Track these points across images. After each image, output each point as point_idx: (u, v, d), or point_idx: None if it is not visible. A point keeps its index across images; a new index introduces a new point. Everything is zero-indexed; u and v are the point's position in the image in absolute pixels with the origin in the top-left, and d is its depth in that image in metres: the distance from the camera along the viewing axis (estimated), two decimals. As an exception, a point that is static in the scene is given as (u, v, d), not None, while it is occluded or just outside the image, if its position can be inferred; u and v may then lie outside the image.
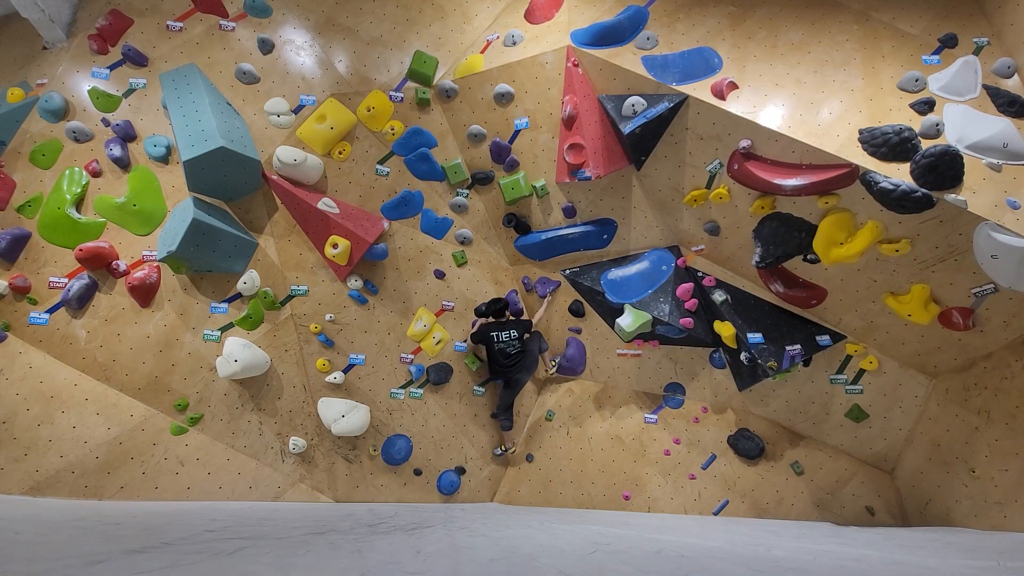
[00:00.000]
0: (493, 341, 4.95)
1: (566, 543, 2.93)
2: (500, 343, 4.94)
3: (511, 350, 4.94)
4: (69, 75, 4.63)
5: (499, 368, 5.00)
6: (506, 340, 4.94)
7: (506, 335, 4.95)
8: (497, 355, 4.96)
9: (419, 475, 4.88)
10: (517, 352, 4.95)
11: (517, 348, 4.95)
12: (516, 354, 4.95)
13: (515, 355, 4.95)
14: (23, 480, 3.95)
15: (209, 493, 4.29)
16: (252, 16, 4.94)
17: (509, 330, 4.97)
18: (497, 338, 4.95)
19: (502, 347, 4.94)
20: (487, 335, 4.98)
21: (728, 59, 4.51)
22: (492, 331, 4.97)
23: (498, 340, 4.95)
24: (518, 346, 4.95)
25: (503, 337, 4.94)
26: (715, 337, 4.88)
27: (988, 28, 4.25)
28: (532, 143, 5.01)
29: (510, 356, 4.95)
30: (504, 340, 4.94)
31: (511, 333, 4.96)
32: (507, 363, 4.95)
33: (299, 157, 4.66)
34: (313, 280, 4.86)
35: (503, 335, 4.95)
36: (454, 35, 5.24)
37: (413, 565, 2.29)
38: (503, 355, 4.94)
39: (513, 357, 4.95)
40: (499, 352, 4.94)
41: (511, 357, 4.95)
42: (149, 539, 2.53)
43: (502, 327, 4.99)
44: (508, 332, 4.96)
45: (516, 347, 4.94)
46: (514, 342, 4.94)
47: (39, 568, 1.87)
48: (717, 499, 4.82)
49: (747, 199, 4.51)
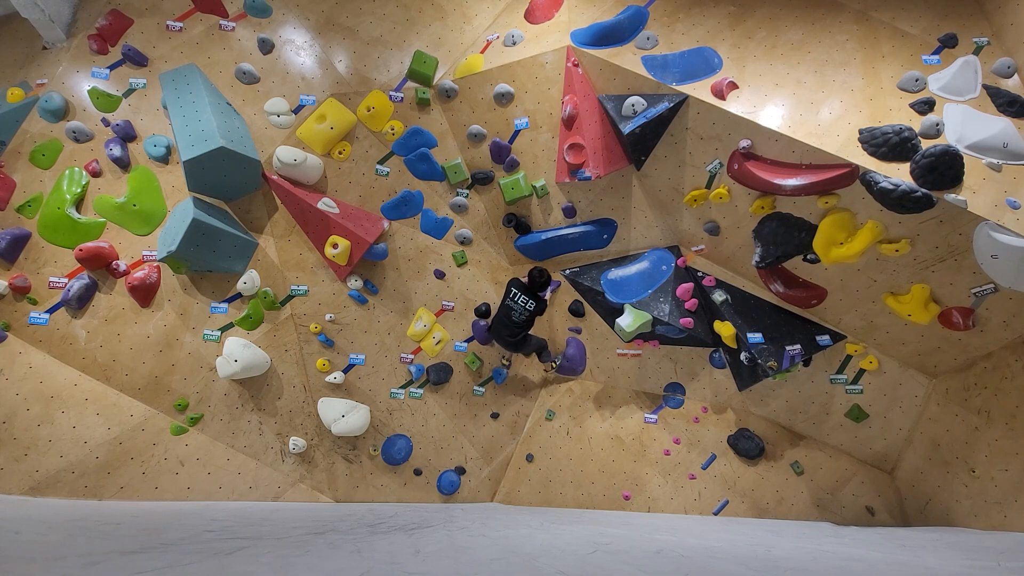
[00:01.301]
0: (508, 295, 4.82)
1: (566, 543, 2.93)
2: (514, 302, 4.79)
3: (516, 317, 4.79)
4: (69, 75, 4.63)
5: (498, 327, 4.88)
6: (520, 304, 4.78)
7: (523, 299, 4.79)
8: (503, 311, 4.82)
9: (419, 475, 4.88)
10: (522, 325, 4.82)
11: (524, 319, 4.80)
12: (520, 326, 4.82)
13: (518, 326, 4.81)
14: (23, 480, 3.95)
15: (209, 493, 4.29)
16: (252, 16, 4.94)
17: (529, 298, 4.81)
18: (515, 297, 4.80)
19: (510, 306, 4.79)
20: (510, 287, 4.84)
21: (728, 59, 4.51)
22: (515, 287, 4.83)
23: (514, 298, 4.80)
24: (525, 318, 4.81)
25: (519, 299, 4.79)
26: (715, 337, 4.88)
27: (988, 28, 4.25)
28: (532, 143, 5.01)
29: (513, 323, 4.80)
30: (519, 303, 4.79)
31: (529, 302, 4.79)
32: (508, 326, 4.81)
33: (299, 157, 4.66)
34: (313, 280, 4.86)
35: (521, 297, 4.79)
36: (454, 35, 5.24)
37: (413, 565, 2.29)
38: (507, 316, 4.80)
39: (515, 326, 4.81)
40: (506, 309, 4.80)
41: (513, 325, 4.81)
42: (148, 539, 2.53)
43: (525, 291, 4.83)
44: (526, 299, 4.80)
45: (523, 318, 4.80)
46: (525, 311, 4.78)
47: (38, 568, 1.87)
48: (717, 499, 4.82)
49: (747, 199, 4.51)
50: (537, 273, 4.84)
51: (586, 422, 5.23)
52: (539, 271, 4.86)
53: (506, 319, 4.82)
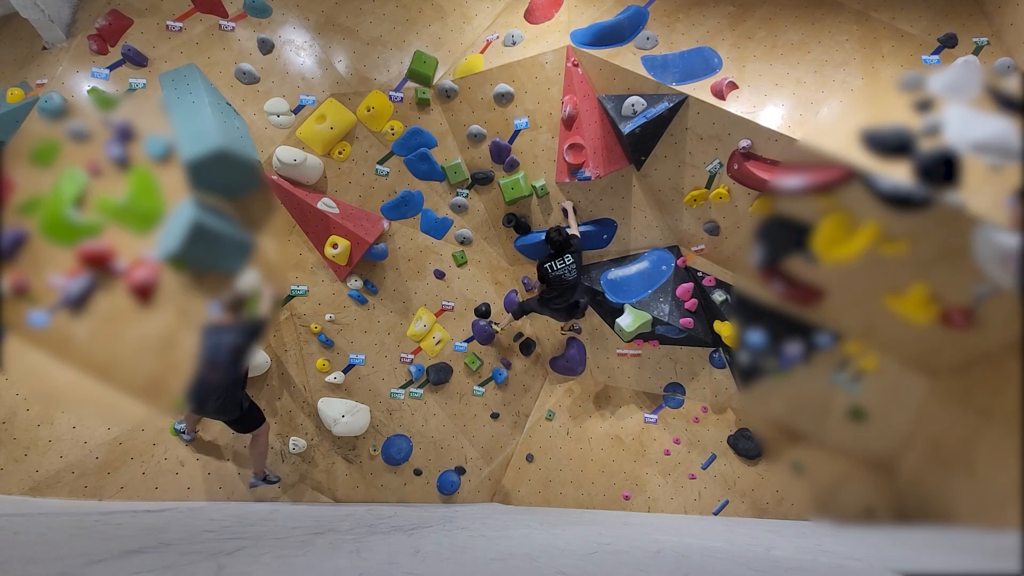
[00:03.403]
0: (548, 272, 4.70)
1: (566, 543, 2.93)
2: (557, 271, 4.68)
3: (569, 276, 4.68)
4: (69, 75, 4.63)
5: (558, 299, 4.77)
6: (563, 267, 4.68)
7: (561, 262, 4.68)
8: (556, 284, 4.71)
9: (419, 475, 4.88)
10: (575, 278, 4.72)
11: (575, 274, 4.70)
12: (574, 280, 4.72)
13: (573, 281, 4.72)
14: (23, 480, 3.95)
15: (209, 493, 4.29)
16: (252, 16, 4.94)
17: (564, 256, 4.69)
18: (552, 268, 4.69)
19: (559, 274, 4.68)
20: (543, 270, 4.72)
21: (728, 59, 4.51)
22: (546, 263, 4.72)
23: (553, 269, 4.68)
24: (575, 271, 4.70)
25: (558, 265, 4.68)
26: (715, 337, 4.88)
27: (988, 28, 4.25)
28: (532, 143, 5.01)
29: (567, 282, 4.70)
30: (560, 267, 4.68)
31: (566, 259, 4.68)
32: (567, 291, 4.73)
33: (299, 157, 4.66)
34: (313, 280, 4.86)
35: (558, 263, 4.68)
36: (454, 35, 5.24)
37: (412, 565, 2.29)
38: (560, 282, 4.69)
39: (571, 283, 4.71)
40: (556, 280, 4.69)
41: (568, 283, 4.71)
42: (148, 539, 2.53)
43: (555, 257, 4.71)
44: (563, 259, 4.69)
45: (574, 272, 4.70)
46: (571, 267, 4.69)
47: (38, 568, 1.87)
48: (717, 499, 4.82)
49: (747, 199, 4.51)
50: (555, 233, 4.71)
51: (586, 422, 5.23)
52: (556, 230, 4.73)
53: (561, 286, 4.70)
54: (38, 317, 4.41)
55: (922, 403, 4.42)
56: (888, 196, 3.99)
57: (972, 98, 4.20)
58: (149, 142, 4.93)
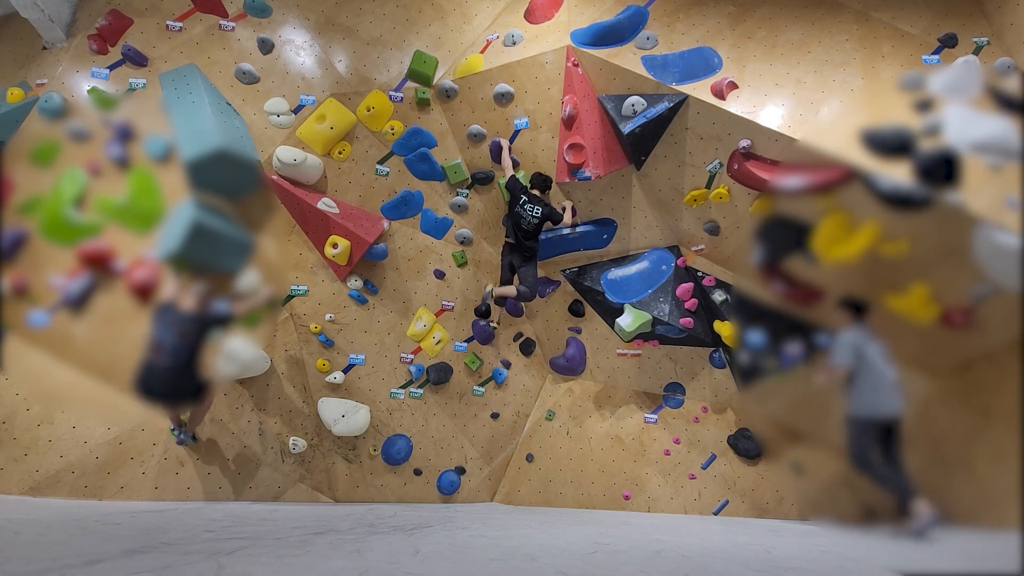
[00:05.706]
0: (518, 202, 4.75)
1: (566, 543, 2.94)
2: (523, 208, 4.73)
3: (525, 223, 4.72)
4: (69, 75, 4.63)
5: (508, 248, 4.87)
6: (528, 213, 4.72)
7: (531, 207, 4.72)
8: (513, 219, 4.78)
9: (419, 475, 4.88)
10: (531, 234, 4.77)
11: (532, 228, 4.74)
12: (529, 235, 4.77)
13: (528, 235, 4.76)
14: (23, 480, 3.95)
15: (209, 493, 4.29)
16: (252, 16, 4.94)
17: (536, 205, 4.73)
18: (522, 202, 4.74)
19: (519, 213, 4.73)
20: (517, 190, 4.78)
21: (728, 59, 4.51)
22: (523, 193, 4.77)
23: (522, 204, 4.74)
24: (534, 227, 4.74)
25: (527, 208, 4.73)
26: (715, 337, 4.88)
27: (988, 28, 4.25)
28: (532, 143, 5.01)
29: (520, 229, 4.75)
30: (527, 210, 4.72)
31: (536, 209, 4.72)
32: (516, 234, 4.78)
33: (299, 157, 4.66)
34: (313, 280, 4.86)
35: (528, 205, 4.73)
36: (454, 35, 5.24)
37: (412, 565, 2.29)
38: (517, 222, 4.75)
39: (524, 231, 4.76)
40: (516, 216, 4.75)
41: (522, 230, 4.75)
42: (148, 539, 2.53)
43: (533, 199, 4.76)
44: (534, 207, 4.73)
45: (532, 226, 4.73)
46: (533, 217, 4.71)
47: (38, 568, 1.87)
48: (717, 499, 4.82)
49: (747, 199, 4.51)
50: (543, 174, 4.81)
51: (586, 422, 5.23)
52: (540, 175, 4.82)
53: (515, 231, 4.75)
54: (38, 317, 4.42)
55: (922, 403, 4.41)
56: (888, 196, 4.00)
57: (972, 98, 4.20)
58: (149, 142, 4.94)
